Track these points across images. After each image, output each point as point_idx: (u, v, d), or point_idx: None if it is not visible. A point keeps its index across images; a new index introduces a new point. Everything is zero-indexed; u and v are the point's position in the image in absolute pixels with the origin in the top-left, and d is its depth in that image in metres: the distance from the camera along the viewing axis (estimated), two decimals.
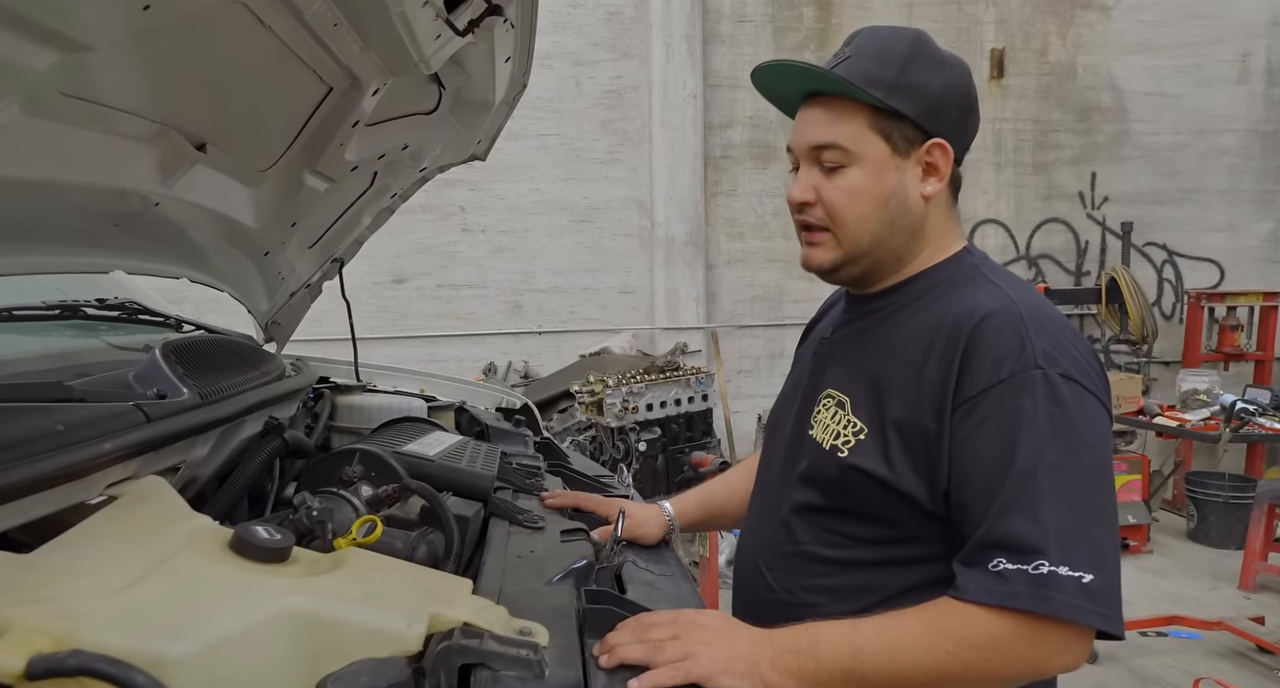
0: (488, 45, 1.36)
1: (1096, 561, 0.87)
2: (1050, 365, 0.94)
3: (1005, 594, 0.87)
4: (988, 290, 1.04)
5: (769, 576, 1.15)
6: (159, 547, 0.72)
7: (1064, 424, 0.92)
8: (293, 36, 1.03)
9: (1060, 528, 0.87)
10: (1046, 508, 0.88)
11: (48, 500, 0.74)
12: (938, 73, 1.06)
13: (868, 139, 1.05)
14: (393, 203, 1.96)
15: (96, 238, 1.10)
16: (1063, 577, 0.85)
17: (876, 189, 1.06)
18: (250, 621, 0.66)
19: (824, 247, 1.10)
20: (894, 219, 1.07)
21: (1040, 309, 1.01)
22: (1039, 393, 0.92)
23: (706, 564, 3.65)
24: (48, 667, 0.54)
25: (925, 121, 1.05)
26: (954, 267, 1.10)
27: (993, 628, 0.87)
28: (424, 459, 1.30)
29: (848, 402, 1.09)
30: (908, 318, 1.08)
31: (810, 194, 1.08)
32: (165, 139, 1.02)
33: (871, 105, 1.04)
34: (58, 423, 0.77)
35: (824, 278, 1.15)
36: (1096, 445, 0.93)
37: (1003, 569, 0.88)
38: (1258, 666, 3.62)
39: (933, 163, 1.07)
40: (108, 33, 0.70)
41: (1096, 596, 0.85)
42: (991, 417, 0.94)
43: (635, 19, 5.91)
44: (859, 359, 1.11)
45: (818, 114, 1.07)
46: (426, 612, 0.74)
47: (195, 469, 1.11)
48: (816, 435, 1.11)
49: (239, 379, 1.26)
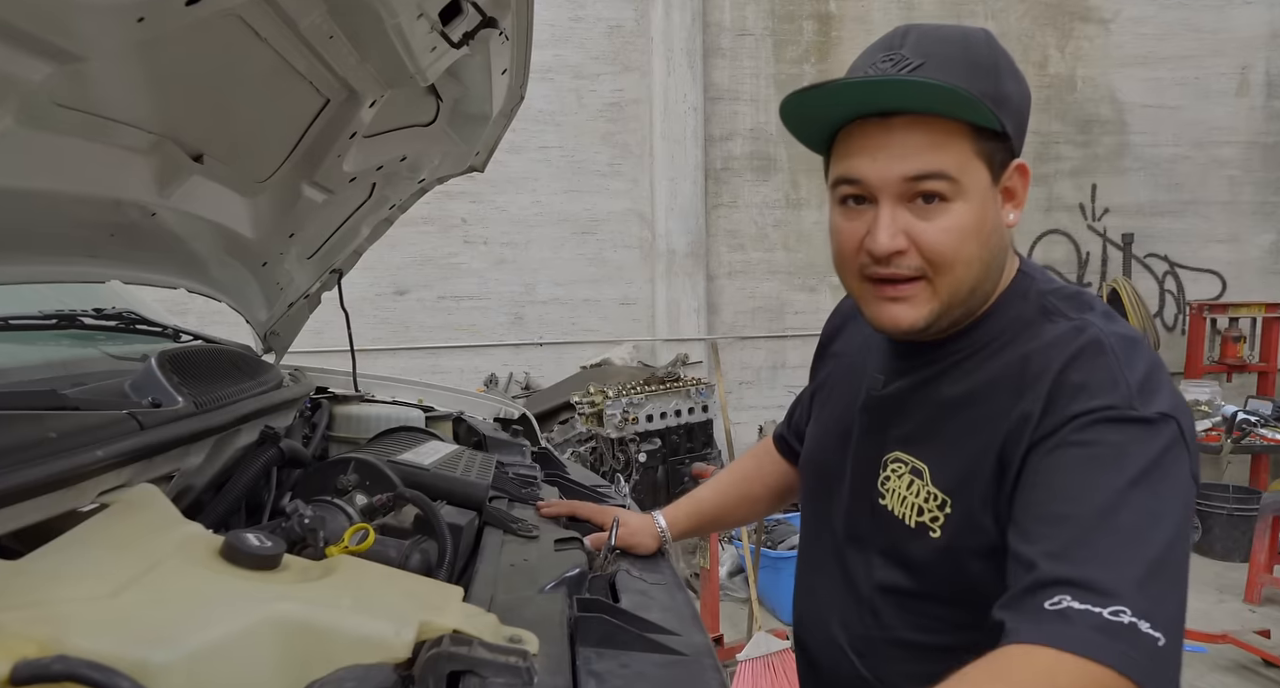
0: (484, 57, 1.37)
1: (1171, 624, 0.72)
2: (1145, 404, 0.81)
3: (1079, 640, 0.69)
4: (1064, 323, 0.90)
5: (859, 663, 1.03)
6: (149, 553, 0.72)
7: (1155, 468, 0.78)
8: (289, 49, 1.05)
9: (1142, 577, 0.73)
10: (1127, 553, 0.74)
11: (39, 507, 0.74)
12: (1019, 81, 0.90)
13: (973, 166, 0.87)
14: (391, 214, 1.97)
15: (93, 248, 1.11)
16: (1143, 633, 0.70)
17: (982, 226, 0.88)
18: (238, 627, 0.66)
19: (914, 301, 0.90)
20: (993, 258, 0.91)
21: (1126, 338, 0.88)
22: (1132, 430, 0.80)
23: (707, 576, 3.63)
24: (33, 672, 0.54)
25: (1016, 140, 0.90)
26: (1019, 299, 0.95)
27: (1074, 678, 0.69)
28: (419, 468, 1.30)
29: (925, 471, 0.94)
30: (979, 365, 0.93)
31: (903, 240, 0.87)
32: (162, 150, 1.03)
33: (971, 125, 0.86)
34: (50, 430, 0.78)
35: (907, 337, 0.96)
36: (1186, 496, 0.80)
37: (1066, 608, 0.71)
38: (1263, 679, 3.60)
39: (1012, 188, 0.92)
40: (102, 44, 0.71)
41: (1162, 663, 0.71)
42: (1073, 447, 0.81)
43: (636, 33, 5.95)
44: (930, 418, 0.96)
45: (908, 135, 0.86)
46: (416, 619, 0.74)
47: (190, 478, 1.11)
48: (893, 509, 0.98)
49: (235, 388, 1.26)
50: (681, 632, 0.97)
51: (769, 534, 4.45)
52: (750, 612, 3.84)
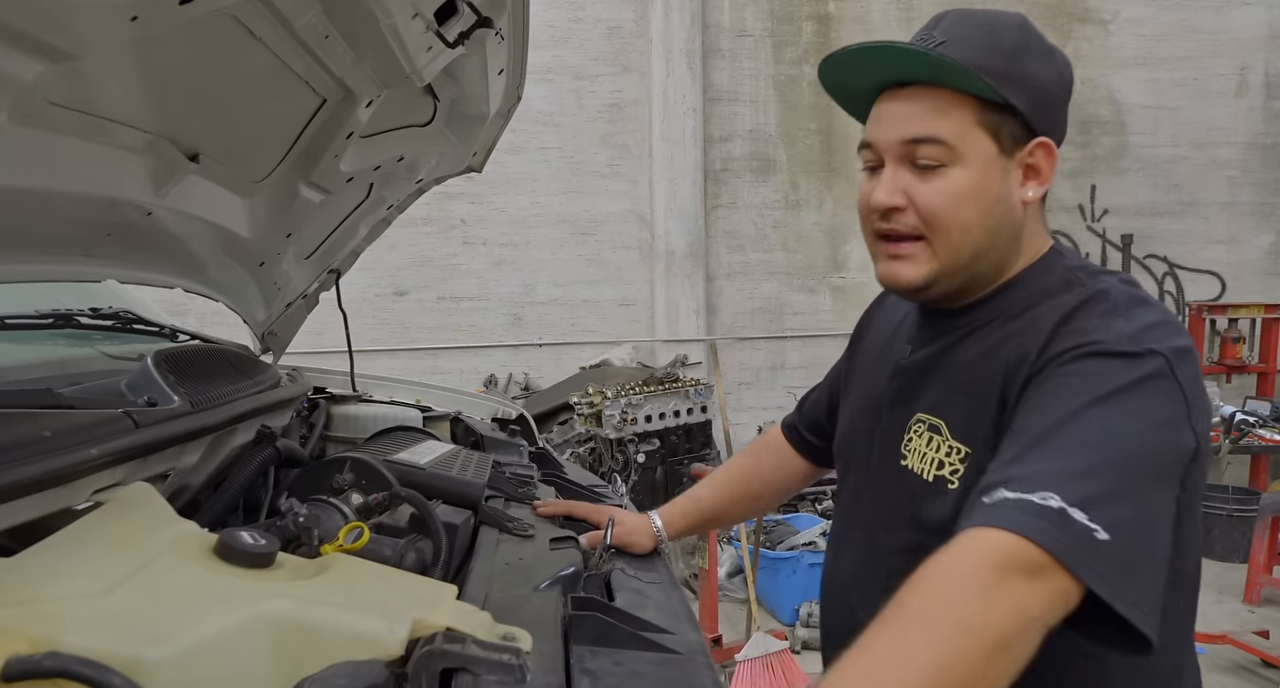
0: (480, 58, 1.38)
1: (1119, 526, 0.73)
2: (1134, 343, 0.83)
3: (1003, 516, 0.73)
4: (1080, 289, 0.93)
5: (861, 617, 1.05)
6: (142, 551, 0.72)
7: (1124, 392, 0.80)
8: (284, 48, 1.05)
9: (1078, 472, 0.75)
10: (1069, 455, 0.77)
11: (33, 505, 0.74)
12: (1049, 64, 0.95)
13: (974, 135, 0.92)
14: (389, 214, 1.97)
15: (89, 247, 1.11)
16: (1074, 520, 0.72)
17: (982, 193, 0.93)
18: (231, 624, 0.66)
19: (914, 260, 0.96)
20: (998, 228, 0.95)
21: (1135, 295, 0.91)
22: (1112, 362, 0.82)
23: (706, 577, 3.63)
24: (24, 669, 0.54)
25: (1034, 119, 0.93)
26: (1044, 273, 0.98)
27: (980, 553, 0.72)
28: (415, 467, 1.30)
29: (943, 425, 0.97)
30: (998, 329, 0.96)
31: (900, 198, 0.94)
32: (157, 149, 1.03)
33: (978, 97, 0.91)
34: (45, 429, 0.78)
35: (909, 296, 1.02)
36: (1159, 424, 0.81)
37: (1001, 498, 0.75)
38: (1262, 680, 3.60)
39: (1034, 165, 0.95)
40: (96, 43, 0.71)
41: (1102, 557, 0.71)
42: (1054, 378, 0.84)
43: (635, 34, 5.96)
44: (948, 379, 1.00)
45: (912, 104, 0.93)
46: (409, 617, 0.74)
47: (186, 477, 1.11)
48: (912, 467, 1.00)
49: (231, 388, 1.27)
50: (676, 631, 0.98)
51: (768, 535, 4.45)
52: (749, 612, 3.84)
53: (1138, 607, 0.73)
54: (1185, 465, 0.83)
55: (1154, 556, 0.77)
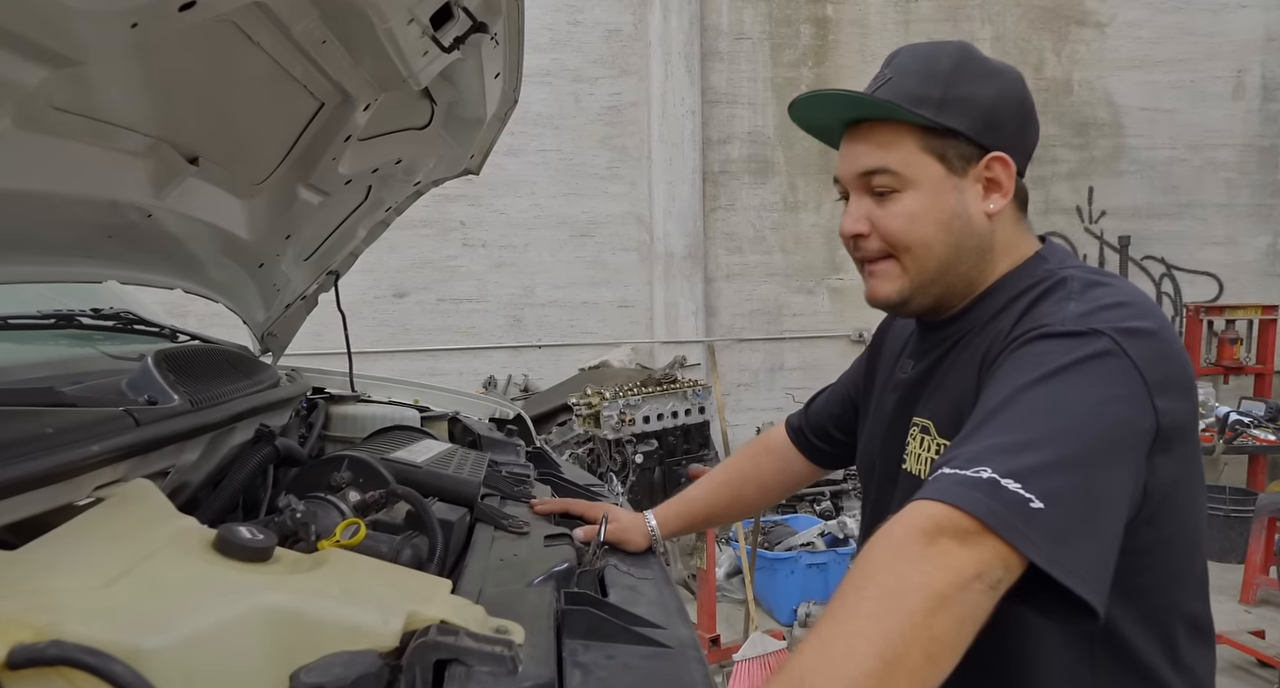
0: (476, 62, 1.39)
1: (1055, 496, 0.75)
2: (1080, 324, 0.86)
3: (937, 490, 0.76)
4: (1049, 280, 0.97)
5: None
6: (142, 546, 0.74)
7: (1068, 369, 0.83)
8: (282, 53, 1.06)
9: (1012, 446, 0.78)
10: (1006, 432, 0.80)
11: (35, 501, 0.76)
12: (988, 83, 1.00)
13: (920, 161, 0.99)
14: (387, 216, 1.99)
15: (90, 248, 1.13)
16: (1006, 488, 0.74)
17: (936, 211, 0.99)
18: (228, 615, 0.67)
19: (887, 277, 1.03)
20: (959, 242, 1.00)
21: (1090, 280, 0.94)
22: (1057, 341, 0.86)
23: (704, 577, 3.65)
24: (29, 656, 0.56)
25: (980, 136, 0.98)
26: (1024, 275, 1.02)
27: (912, 521, 0.75)
28: (411, 466, 1.32)
29: (931, 425, 1.03)
30: (980, 331, 1.01)
31: (863, 224, 1.02)
32: (157, 152, 1.05)
33: (921, 125, 0.98)
34: (47, 426, 0.80)
35: (893, 312, 1.09)
36: (1102, 398, 0.82)
37: (940, 474, 0.78)
38: (1258, 680, 3.61)
39: (994, 178, 1.00)
40: (97, 49, 0.72)
41: (1035, 525, 0.73)
42: (1005, 363, 0.88)
43: (634, 36, 5.98)
44: (939, 384, 1.05)
45: (863, 140, 1.01)
46: (404, 609, 0.76)
47: (185, 474, 1.13)
48: (911, 468, 1.05)
49: (230, 387, 1.28)
50: (667, 626, 0.99)
51: (766, 536, 4.47)
52: (747, 612, 3.86)
53: (1076, 574, 0.74)
54: (1149, 443, 0.84)
55: (1099, 527, 0.78)
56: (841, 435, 1.36)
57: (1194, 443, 0.95)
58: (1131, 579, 0.89)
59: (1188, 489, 0.93)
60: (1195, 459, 0.95)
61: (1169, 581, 0.95)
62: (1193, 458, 0.94)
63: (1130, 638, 0.93)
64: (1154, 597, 0.94)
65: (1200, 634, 0.99)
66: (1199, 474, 0.97)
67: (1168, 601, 0.96)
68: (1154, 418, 0.84)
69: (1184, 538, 0.95)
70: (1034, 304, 0.95)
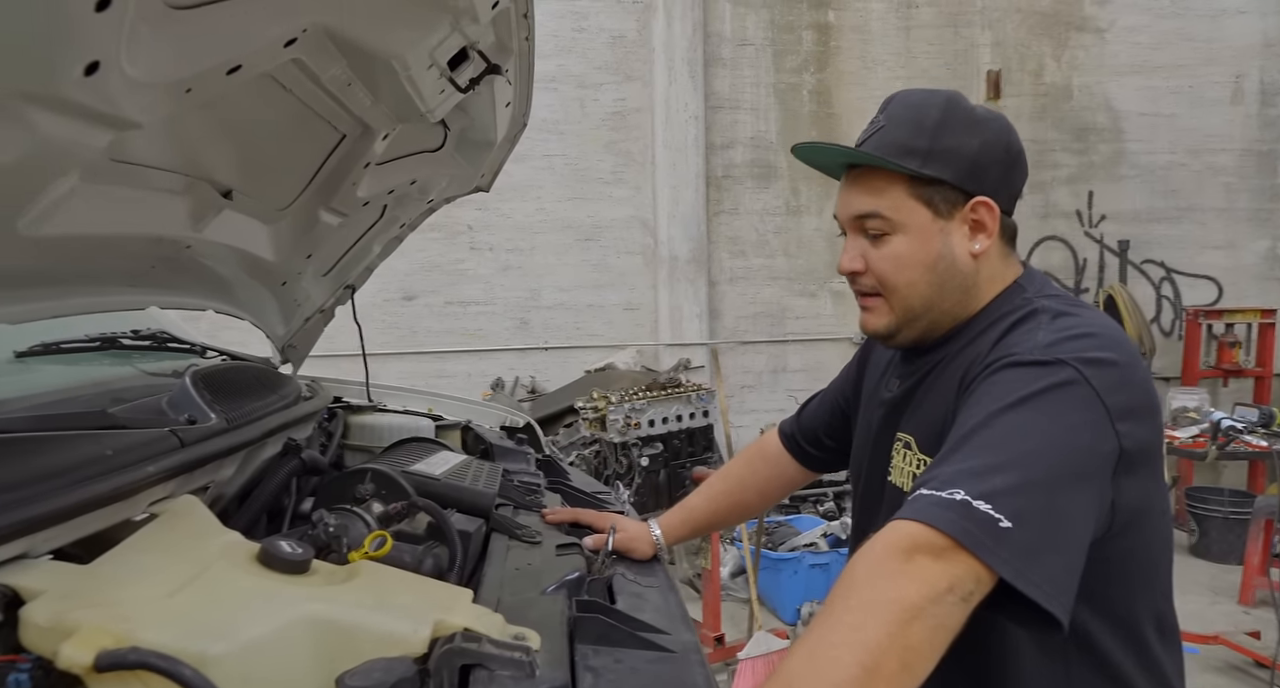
0: (489, 94, 1.47)
1: (1022, 516, 0.82)
2: (1047, 353, 0.93)
3: (913, 510, 0.83)
4: (1025, 309, 1.04)
5: None
6: (197, 559, 0.82)
7: (1035, 397, 0.89)
8: (311, 96, 1.14)
9: (982, 470, 0.85)
10: (976, 456, 0.87)
11: (100, 518, 0.84)
12: (972, 134, 1.07)
13: (908, 207, 1.06)
14: (402, 232, 2.07)
15: (135, 279, 1.21)
16: (977, 509, 0.81)
17: (922, 254, 1.07)
18: (278, 624, 0.75)
19: (877, 312, 1.12)
20: (943, 281, 1.08)
21: (1058, 311, 1.01)
22: (1024, 370, 0.92)
23: (709, 577, 3.72)
24: (112, 661, 0.64)
25: (965, 183, 1.06)
26: (1003, 303, 1.09)
27: (891, 540, 0.82)
28: (430, 478, 1.39)
29: (913, 441, 1.10)
30: (957, 356, 1.09)
31: (858, 263, 1.11)
32: (196, 190, 1.13)
33: (910, 174, 1.06)
34: (107, 448, 0.88)
35: (883, 342, 1.18)
36: (1067, 426, 0.89)
37: (917, 496, 0.85)
38: (1254, 680, 3.66)
39: (979, 220, 1.07)
40: (156, 113, 0.80)
41: (1004, 543, 0.80)
42: (976, 391, 0.95)
43: (638, 43, 6.04)
44: (920, 403, 1.12)
45: (858, 186, 1.10)
46: (431, 618, 0.84)
47: (222, 488, 1.21)
48: (895, 481, 1.13)
49: (260, 404, 1.36)
50: (671, 631, 1.06)
51: (769, 536, 4.54)
52: (751, 612, 3.92)
53: (1042, 588, 0.81)
54: (1112, 465, 0.91)
55: (1064, 544, 0.86)
56: (832, 442, 1.44)
57: (1158, 461, 1.02)
58: (1103, 588, 0.97)
59: (1153, 505, 1.01)
60: (1159, 477, 1.03)
61: (1138, 588, 1.03)
62: (1157, 476, 1.02)
63: (1102, 641, 1.01)
64: (1124, 603, 1.02)
65: (1166, 634, 1.08)
66: (1163, 491, 1.05)
67: (1137, 606, 1.04)
68: (1116, 442, 0.91)
69: (1150, 550, 1.03)
70: (1007, 332, 1.03)
